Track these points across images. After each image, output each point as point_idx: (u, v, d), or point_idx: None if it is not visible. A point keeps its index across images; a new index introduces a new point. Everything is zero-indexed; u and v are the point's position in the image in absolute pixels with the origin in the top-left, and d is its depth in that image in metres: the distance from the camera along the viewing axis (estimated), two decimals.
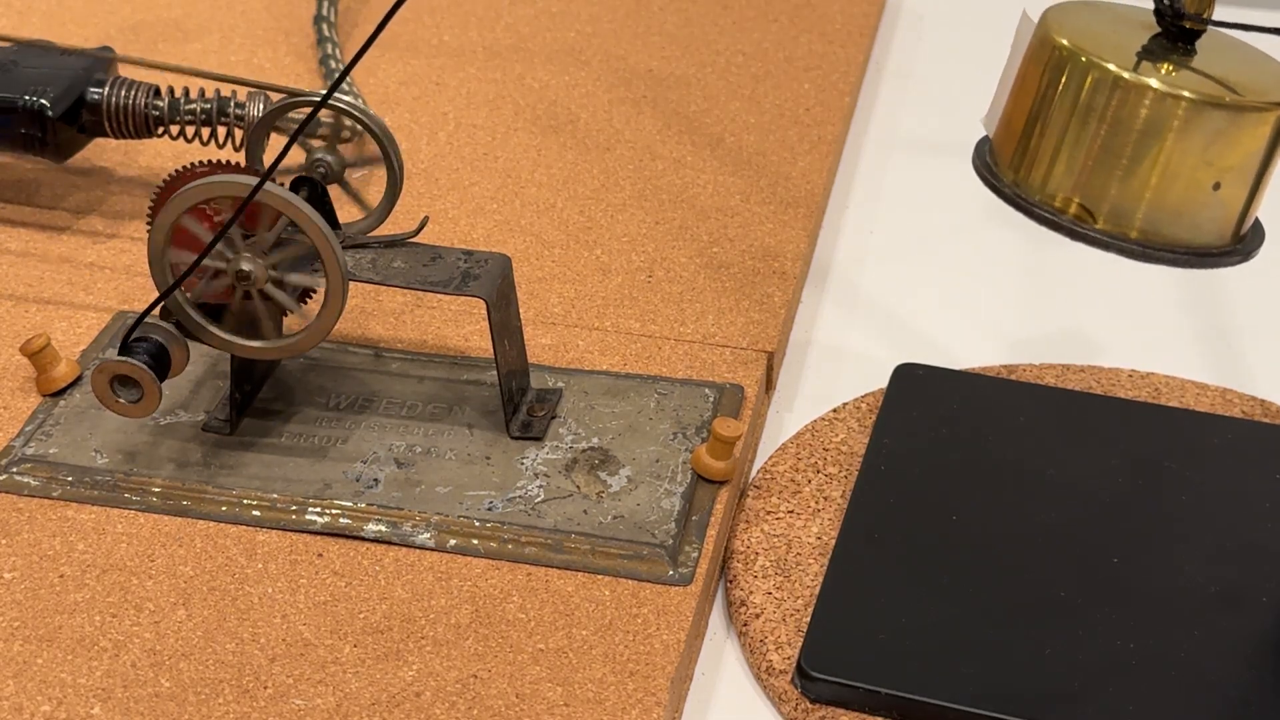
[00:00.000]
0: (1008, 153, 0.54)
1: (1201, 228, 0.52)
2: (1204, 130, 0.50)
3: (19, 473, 0.60)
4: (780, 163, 0.79)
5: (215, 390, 0.64)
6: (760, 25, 0.90)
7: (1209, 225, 0.52)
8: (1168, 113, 0.50)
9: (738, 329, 0.68)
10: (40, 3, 0.89)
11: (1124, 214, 0.52)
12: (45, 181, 0.76)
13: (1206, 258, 0.52)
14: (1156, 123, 0.50)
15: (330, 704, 0.53)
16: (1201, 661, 0.56)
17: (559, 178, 0.77)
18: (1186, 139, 0.50)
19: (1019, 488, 0.62)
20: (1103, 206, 0.52)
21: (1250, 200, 0.52)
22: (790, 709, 0.55)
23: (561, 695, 0.53)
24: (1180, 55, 0.52)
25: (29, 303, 0.68)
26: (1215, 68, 0.52)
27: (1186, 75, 0.51)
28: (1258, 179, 0.52)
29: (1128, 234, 0.52)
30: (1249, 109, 0.50)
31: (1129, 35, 0.53)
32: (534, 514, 0.59)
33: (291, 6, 0.90)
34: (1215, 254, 0.52)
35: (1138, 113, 0.50)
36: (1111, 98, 0.51)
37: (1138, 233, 0.52)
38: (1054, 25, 0.53)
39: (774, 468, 0.63)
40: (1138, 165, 0.51)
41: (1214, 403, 0.67)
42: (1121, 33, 0.53)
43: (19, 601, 0.56)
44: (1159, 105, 0.50)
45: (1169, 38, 0.52)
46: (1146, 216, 0.52)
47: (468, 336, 0.67)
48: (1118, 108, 0.51)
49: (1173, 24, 0.52)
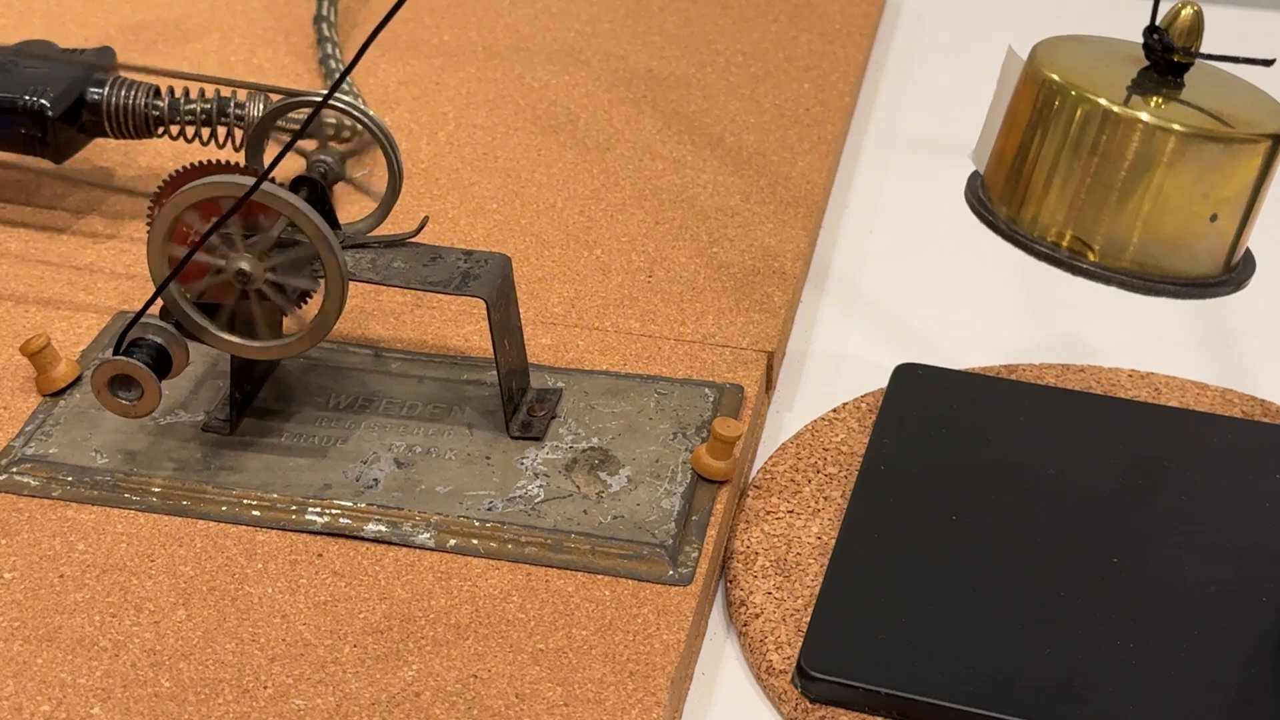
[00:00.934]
0: (1000, 187, 0.54)
1: (1197, 259, 0.52)
2: (1196, 163, 0.51)
3: (19, 473, 0.60)
4: (780, 163, 0.79)
5: (215, 390, 0.64)
6: (760, 25, 0.90)
7: (1204, 256, 0.52)
8: (1159, 146, 0.51)
9: (738, 329, 0.68)
10: (40, 3, 0.89)
11: (1118, 247, 0.52)
12: (45, 181, 0.76)
13: (1202, 288, 0.52)
14: (1148, 156, 0.51)
15: (330, 704, 0.53)
16: (1201, 661, 0.56)
17: (559, 178, 0.77)
18: (1178, 172, 0.51)
19: (1019, 488, 0.62)
20: (1097, 240, 0.52)
21: (1241, 230, 0.52)
22: (790, 709, 0.55)
23: (561, 695, 0.53)
24: (1170, 88, 0.52)
25: (29, 303, 0.68)
26: (1205, 100, 0.52)
27: (1176, 108, 0.51)
28: (1248, 209, 0.52)
29: (1123, 266, 0.52)
30: (1239, 141, 0.51)
31: (1119, 69, 0.53)
32: (534, 514, 0.59)
33: (291, 6, 0.90)
34: (1209, 284, 0.53)
35: (1129, 146, 0.51)
36: (1103, 132, 0.51)
37: (1133, 265, 0.52)
38: (1043, 60, 0.53)
39: (774, 468, 0.63)
40: (1130, 198, 0.51)
41: (1214, 403, 0.67)
42: (1111, 66, 0.53)
43: (19, 601, 0.56)
44: (1150, 139, 0.51)
45: (1158, 71, 0.53)
46: (1141, 249, 0.52)
47: (468, 336, 0.67)
48: (1109, 141, 0.51)
49: (1161, 57, 0.52)
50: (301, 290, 0.60)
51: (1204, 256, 0.52)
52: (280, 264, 0.59)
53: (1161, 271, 0.52)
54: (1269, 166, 0.51)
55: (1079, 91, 0.51)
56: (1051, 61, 0.53)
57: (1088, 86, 0.51)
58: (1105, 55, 0.54)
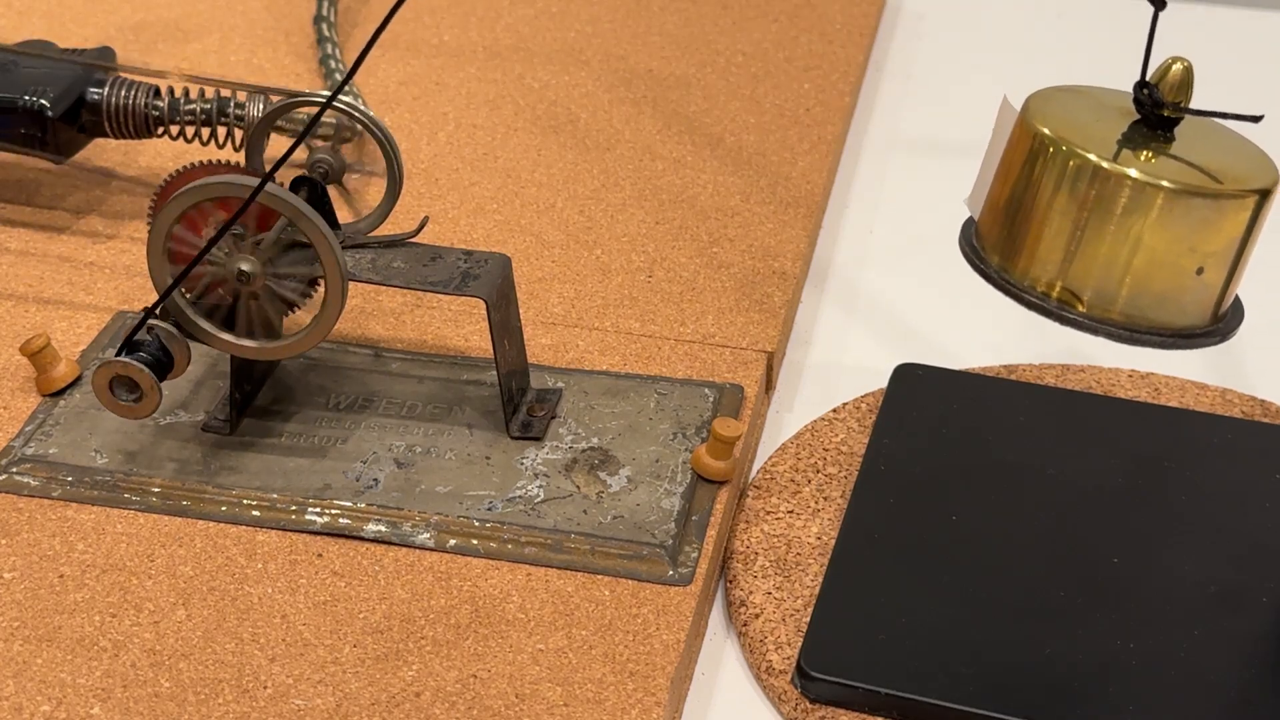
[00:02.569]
0: (992, 236, 0.55)
1: (1185, 310, 0.53)
2: (1184, 218, 0.51)
3: (19, 473, 0.60)
4: (780, 163, 0.79)
5: (215, 390, 0.64)
6: (760, 25, 0.90)
7: (1191, 308, 0.53)
8: (1147, 201, 0.51)
9: (738, 329, 0.68)
10: (40, 3, 0.89)
11: (1107, 298, 0.53)
12: (45, 181, 0.76)
13: (1190, 338, 0.53)
14: (1136, 211, 0.51)
15: (330, 704, 0.53)
16: (1201, 661, 0.56)
17: (559, 178, 0.77)
18: (1166, 226, 0.51)
19: (1019, 488, 0.62)
20: (1086, 291, 0.53)
21: (1229, 282, 0.53)
22: (790, 709, 0.55)
23: (561, 695, 0.53)
24: (1160, 142, 0.53)
25: (29, 303, 0.68)
26: (1194, 153, 0.53)
27: (1165, 163, 0.52)
28: (1235, 262, 0.53)
29: (1112, 318, 0.53)
30: (1227, 196, 0.51)
31: (1109, 122, 0.54)
32: (534, 514, 0.59)
33: (291, 6, 0.90)
34: (1198, 335, 0.53)
35: (1118, 201, 0.51)
36: (1092, 186, 0.52)
37: (1121, 316, 0.53)
38: (1035, 113, 0.54)
39: (774, 468, 0.63)
40: (1119, 252, 0.52)
41: (1214, 403, 0.67)
42: (1102, 120, 0.54)
43: (19, 601, 0.56)
44: (1139, 194, 0.51)
45: (1148, 125, 0.53)
46: (1129, 300, 0.53)
47: (468, 336, 0.67)
48: (1099, 196, 0.52)
49: (1151, 112, 0.53)
50: (301, 290, 0.60)
51: (1191, 308, 0.53)
52: (280, 264, 0.59)
53: (1149, 323, 0.53)
54: (1255, 220, 0.52)
55: (1069, 146, 0.52)
56: (1043, 114, 0.54)
57: (1078, 141, 0.52)
58: (1097, 108, 0.54)
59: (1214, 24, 0.96)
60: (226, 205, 0.58)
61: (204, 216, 0.58)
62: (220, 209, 0.58)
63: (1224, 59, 0.92)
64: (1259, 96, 0.90)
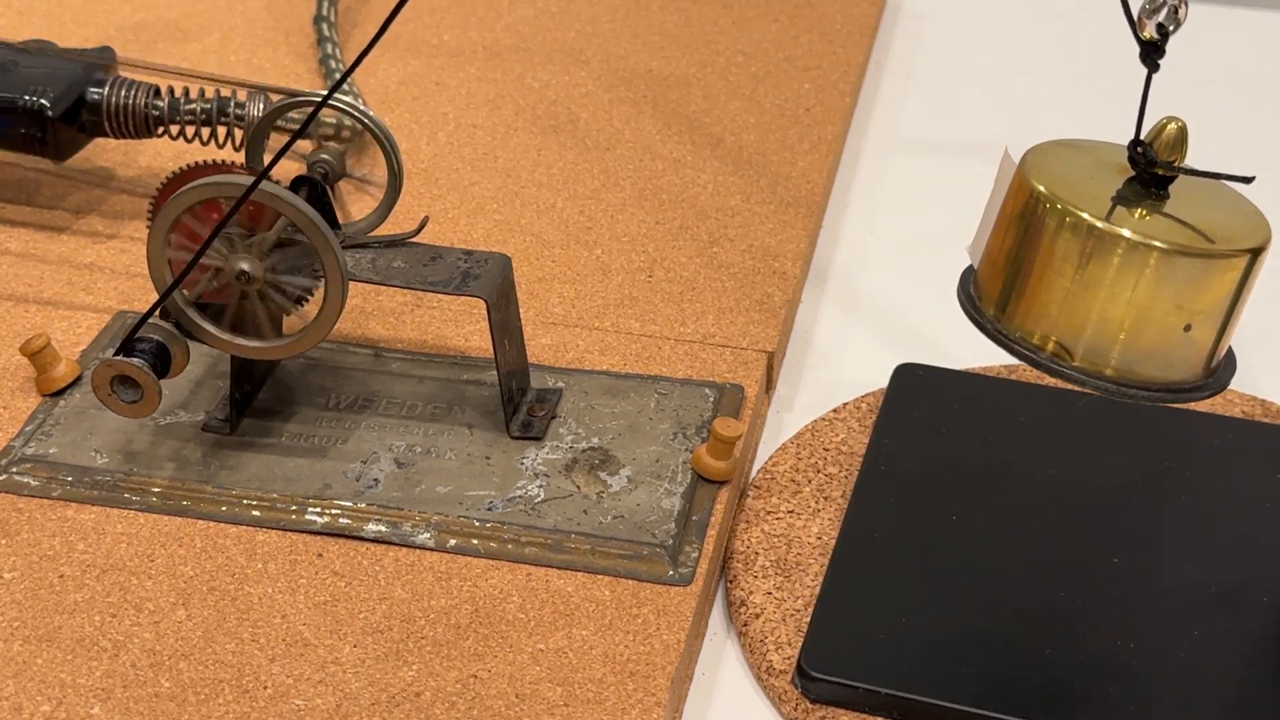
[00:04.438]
0: (990, 289, 0.55)
1: (1174, 366, 0.53)
2: (1175, 277, 0.52)
3: (19, 473, 0.60)
4: (780, 163, 0.79)
5: (215, 390, 0.64)
6: (760, 25, 0.90)
7: (1181, 364, 0.53)
8: (1140, 261, 0.52)
9: (738, 329, 0.68)
10: (40, 3, 0.89)
11: (1099, 353, 0.53)
12: (45, 181, 0.76)
13: (1180, 393, 0.54)
14: (1129, 270, 0.52)
15: (330, 704, 0.53)
16: (1201, 661, 0.56)
17: (559, 178, 0.77)
18: (1158, 285, 0.52)
19: (1019, 487, 0.62)
20: (1079, 346, 0.53)
21: (1219, 338, 0.54)
22: (790, 709, 0.55)
23: (561, 695, 0.53)
24: (1154, 200, 0.53)
25: (29, 303, 0.68)
26: (1188, 212, 0.53)
27: (1158, 222, 0.52)
28: (1226, 319, 0.53)
29: (1103, 372, 0.53)
30: (1218, 256, 0.52)
31: (1105, 179, 0.54)
32: (534, 514, 0.59)
33: (291, 6, 0.90)
34: (1188, 389, 0.54)
35: (1111, 260, 0.52)
36: (1086, 245, 0.52)
37: (1113, 371, 0.53)
38: (1031, 169, 0.54)
39: (774, 468, 0.63)
40: (1112, 308, 0.52)
41: (1214, 403, 0.67)
42: (1098, 176, 0.54)
43: (19, 601, 0.56)
44: (1131, 254, 0.52)
45: (1142, 183, 0.53)
46: (1121, 356, 0.53)
47: (468, 336, 0.67)
48: (1092, 254, 0.52)
49: (1145, 170, 0.53)
50: (301, 290, 0.60)
51: (1180, 364, 0.53)
52: (280, 264, 0.59)
53: (1139, 378, 0.53)
54: (1246, 279, 0.53)
55: (1064, 205, 0.52)
56: (1040, 170, 0.54)
57: (1072, 199, 0.52)
58: (1094, 164, 0.55)
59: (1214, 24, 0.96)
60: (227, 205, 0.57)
61: (204, 216, 0.58)
62: (220, 209, 0.58)
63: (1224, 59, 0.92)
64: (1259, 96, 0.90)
